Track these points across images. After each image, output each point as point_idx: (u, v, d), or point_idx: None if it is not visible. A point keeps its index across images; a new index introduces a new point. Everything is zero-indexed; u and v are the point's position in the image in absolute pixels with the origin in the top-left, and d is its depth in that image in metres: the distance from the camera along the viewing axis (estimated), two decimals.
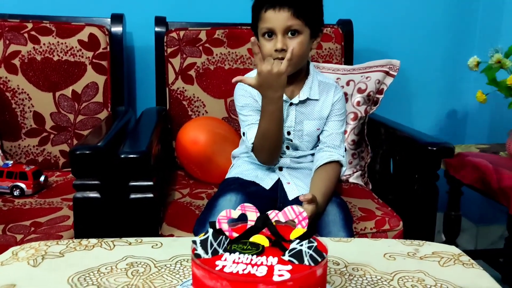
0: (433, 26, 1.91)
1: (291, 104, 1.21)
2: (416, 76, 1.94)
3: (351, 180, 1.50)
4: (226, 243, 0.65)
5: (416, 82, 1.95)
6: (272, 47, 1.13)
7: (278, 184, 1.23)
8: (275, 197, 1.21)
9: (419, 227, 1.27)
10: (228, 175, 1.31)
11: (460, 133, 2.04)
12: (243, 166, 1.28)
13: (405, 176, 1.33)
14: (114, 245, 0.83)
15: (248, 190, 1.17)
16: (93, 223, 1.08)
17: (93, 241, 0.84)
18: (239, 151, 1.33)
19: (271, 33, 1.14)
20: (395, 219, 1.24)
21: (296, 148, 1.25)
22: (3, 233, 1.07)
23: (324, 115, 1.23)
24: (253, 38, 1.07)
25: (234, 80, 1.10)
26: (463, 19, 1.92)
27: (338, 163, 1.21)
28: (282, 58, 1.08)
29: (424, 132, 1.38)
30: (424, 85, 1.96)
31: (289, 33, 1.13)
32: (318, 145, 1.25)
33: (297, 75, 1.21)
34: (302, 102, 1.21)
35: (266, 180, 1.23)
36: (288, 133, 1.22)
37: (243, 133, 1.22)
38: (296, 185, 1.22)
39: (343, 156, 1.22)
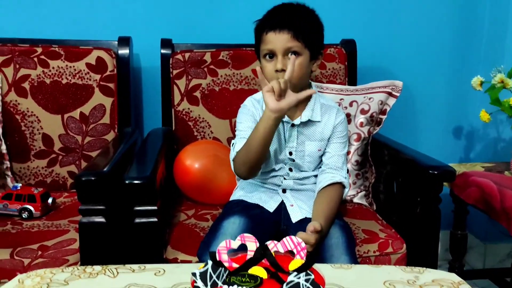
0: (437, 46, 1.91)
1: (293, 125, 1.23)
2: (421, 95, 1.94)
3: (355, 200, 1.51)
4: (225, 275, 0.67)
5: (420, 101, 1.95)
6: (273, 68, 1.17)
7: (282, 206, 1.24)
8: (279, 219, 1.22)
9: (422, 250, 1.26)
10: (232, 197, 1.33)
11: (465, 152, 2.04)
12: (247, 188, 1.30)
13: (408, 198, 1.33)
14: (118, 272, 0.85)
15: (251, 213, 1.19)
16: (99, 248, 1.10)
17: (97, 268, 0.86)
18: None
19: (272, 55, 1.18)
20: (398, 241, 1.24)
21: (299, 169, 1.26)
22: (11, 257, 1.09)
23: (326, 137, 1.25)
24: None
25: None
26: (468, 38, 1.92)
27: (341, 185, 1.22)
28: None
29: (429, 151, 1.38)
30: (429, 104, 1.96)
31: (289, 54, 1.16)
32: (320, 166, 1.26)
33: None
34: (303, 123, 1.23)
35: (270, 203, 1.24)
36: (290, 153, 1.24)
37: (233, 144, 1.23)
38: (299, 208, 1.23)
39: (346, 178, 1.23)
